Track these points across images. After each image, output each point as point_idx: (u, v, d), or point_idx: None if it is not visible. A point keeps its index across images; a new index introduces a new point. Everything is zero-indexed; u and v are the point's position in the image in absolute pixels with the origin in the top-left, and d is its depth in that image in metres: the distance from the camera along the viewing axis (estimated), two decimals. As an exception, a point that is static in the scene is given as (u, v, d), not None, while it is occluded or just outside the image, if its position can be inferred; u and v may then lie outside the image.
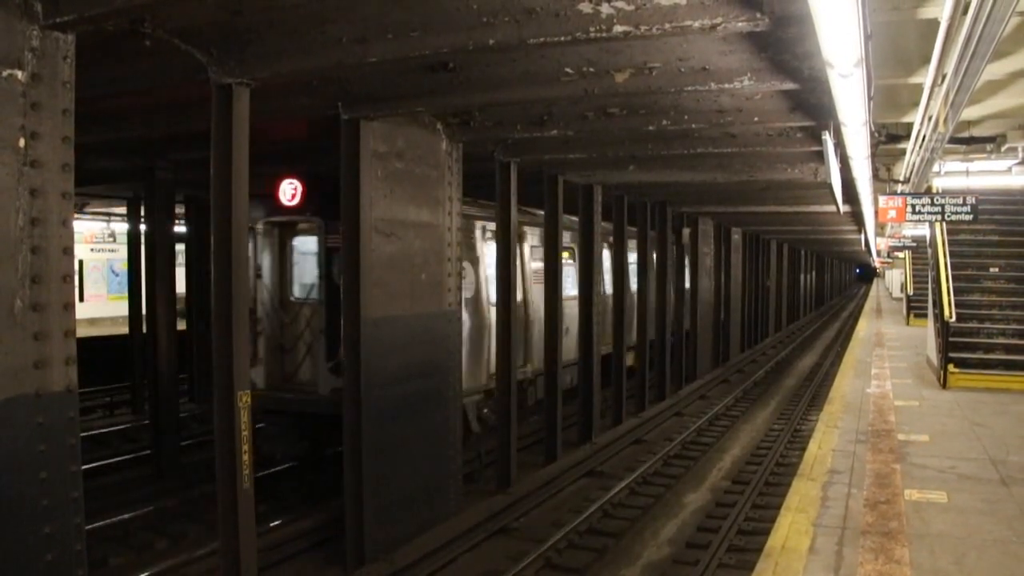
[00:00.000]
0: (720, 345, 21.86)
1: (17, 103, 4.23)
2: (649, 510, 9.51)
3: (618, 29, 4.55)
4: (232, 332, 5.67)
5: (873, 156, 9.12)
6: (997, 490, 7.11)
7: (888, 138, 10.79)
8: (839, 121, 6.00)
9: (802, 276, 42.10)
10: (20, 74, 4.24)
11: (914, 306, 25.09)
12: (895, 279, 43.45)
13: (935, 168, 12.22)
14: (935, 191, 14.00)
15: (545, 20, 4.68)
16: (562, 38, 4.68)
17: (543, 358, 11.54)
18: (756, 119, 7.13)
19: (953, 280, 14.22)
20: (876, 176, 12.01)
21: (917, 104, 8.06)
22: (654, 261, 16.33)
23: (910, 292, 26.20)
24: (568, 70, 5.91)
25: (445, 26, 4.88)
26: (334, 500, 8.69)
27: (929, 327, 15.71)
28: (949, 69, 5.99)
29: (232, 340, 5.67)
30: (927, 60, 6.45)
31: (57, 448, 4.39)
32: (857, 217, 16.93)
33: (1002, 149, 11.45)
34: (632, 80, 5.83)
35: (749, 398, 17.40)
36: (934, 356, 14.08)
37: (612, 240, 14.55)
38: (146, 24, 4.83)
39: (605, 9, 4.54)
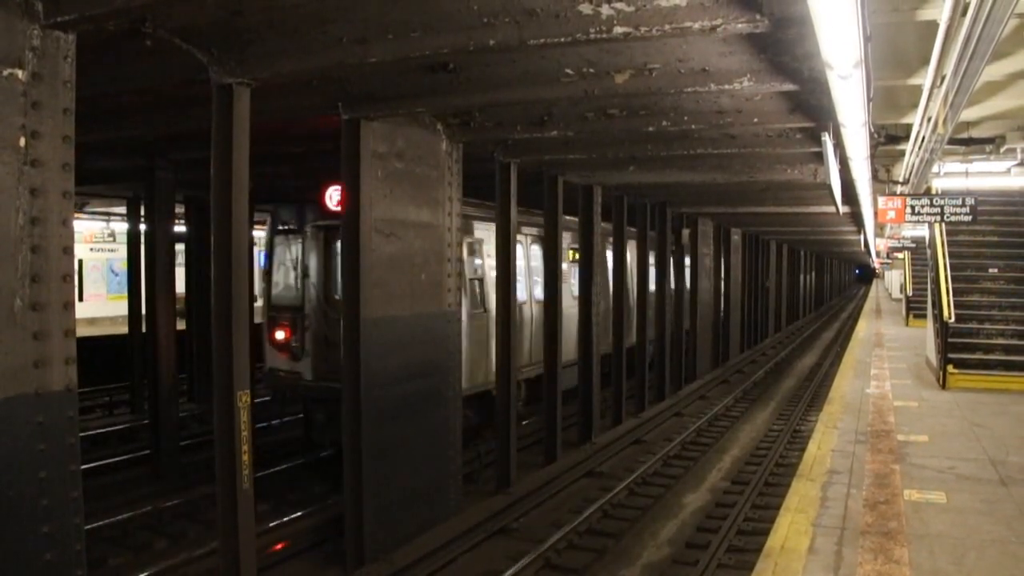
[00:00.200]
0: (720, 345, 21.87)
1: (18, 102, 4.24)
2: (648, 510, 9.51)
3: (618, 30, 4.55)
4: (232, 332, 5.67)
5: (872, 157, 9.12)
6: (996, 490, 7.11)
7: (887, 139, 10.78)
8: (838, 122, 6.00)
9: (802, 277, 42.11)
10: (21, 73, 4.25)
11: (913, 307, 25.11)
12: (894, 280, 43.48)
13: (934, 169, 12.23)
14: (934, 192, 14.00)
15: (545, 21, 4.69)
16: (562, 39, 4.69)
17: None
18: (756, 120, 7.14)
19: (952, 281, 14.23)
20: (875, 177, 12.02)
21: (916, 105, 8.06)
22: (654, 262, 16.34)
23: (909, 293, 26.22)
24: (568, 71, 5.91)
25: (445, 26, 4.88)
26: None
27: (928, 328, 15.72)
28: (948, 70, 6.00)
29: (232, 340, 5.67)
30: (926, 61, 6.45)
31: (57, 447, 4.39)
32: (856, 218, 16.93)
33: (1001, 150, 11.45)
34: (632, 81, 5.84)
35: (749, 398, 17.40)
36: (933, 357, 14.09)
37: (612, 240, 14.57)
38: (147, 24, 4.83)
39: (605, 10, 4.54)
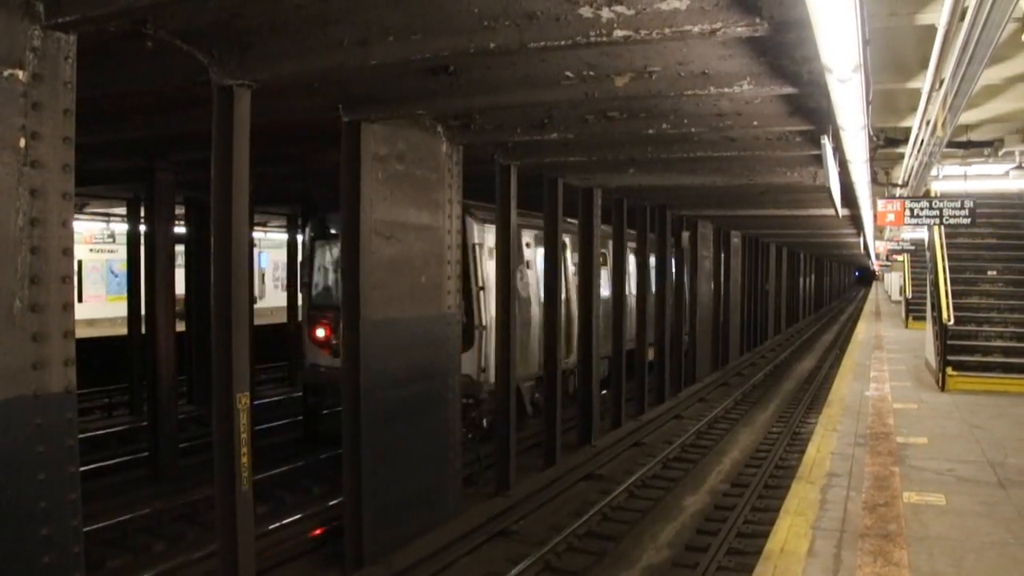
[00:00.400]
0: (719, 348, 21.87)
1: (18, 103, 4.24)
2: (648, 513, 9.51)
3: (618, 33, 4.56)
4: (232, 334, 5.67)
5: (872, 160, 9.12)
6: (995, 492, 7.11)
7: (886, 142, 10.78)
8: (838, 125, 6.01)
9: (801, 279, 42.10)
10: (21, 74, 4.25)
11: (913, 309, 25.13)
12: (894, 282, 43.49)
13: (933, 172, 12.24)
14: (933, 195, 14.00)
15: (546, 24, 4.69)
16: (562, 42, 4.69)
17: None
18: (755, 123, 7.15)
19: (951, 283, 14.24)
20: (875, 180, 12.01)
21: (915, 109, 8.06)
22: (653, 264, 16.34)
23: (909, 295, 26.24)
24: (568, 74, 5.91)
25: (446, 29, 4.89)
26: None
27: (928, 330, 15.73)
28: (947, 74, 6.00)
29: (231, 342, 5.66)
30: (925, 65, 6.46)
31: (55, 449, 4.39)
32: (856, 220, 16.94)
33: (1000, 153, 11.45)
34: (632, 84, 5.84)
35: (748, 401, 17.40)
36: (933, 359, 14.09)
37: (611, 243, 14.58)
38: (148, 25, 4.83)
39: (605, 14, 4.55)
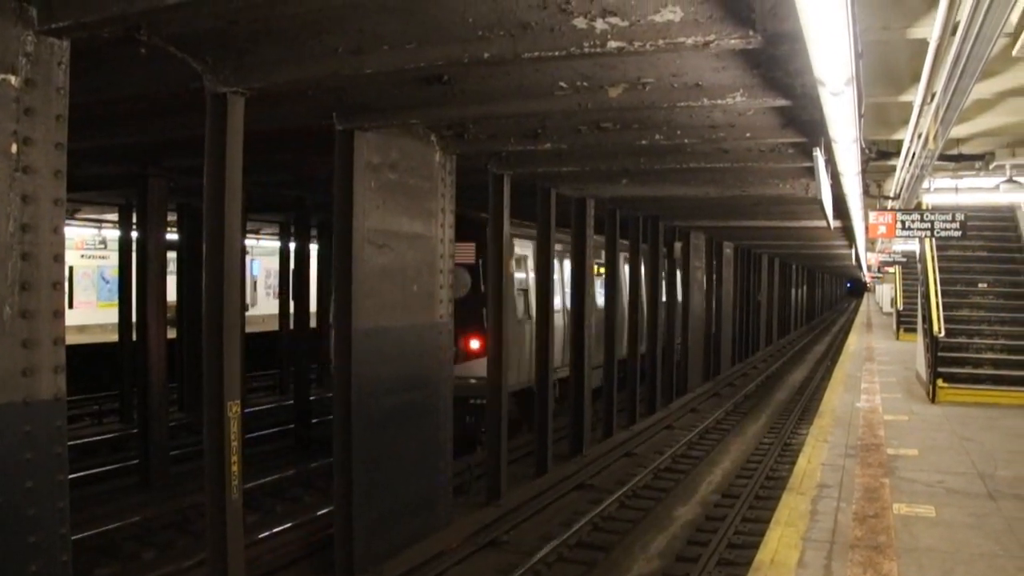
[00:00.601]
0: (711, 358, 21.91)
1: (10, 108, 4.22)
2: (639, 523, 9.49)
3: (612, 45, 4.58)
4: (223, 341, 5.65)
5: (863, 172, 9.17)
6: (985, 504, 7.13)
7: (878, 155, 10.84)
8: (830, 138, 6.04)
9: (793, 290, 42.25)
10: (13, 79, 4.23)
11: (904, 321, 25.20)
12: (885, 294, 43.66)
13: (925, 185, 12.30)
14: (925, 207, 14.07)
15: (540, 35, 4.71)
16: (556, 53, 4.71)
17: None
18: (748, 135, 7.18)
19: (942, 295, 14.30)
20: (867, 192, 12.09)
21: (907, 122, 8.10)
22: (645, 275, 16.37)
23: (900, 307, 26.33)
24: (562, 84, 5.93)
25: (441, 38, 4.90)
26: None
27: (919, 342, 15.78)
28: (938, 88, 6.04)
29: (223, 349, 5.65)
30: (917, 79, 6.49)
31: (44, 457, 4.36)
32: (848, 232, 17.03)
33: (991, 167, 11.53)
34: (626, 95, 5.86)
35: (740, 411, 17.41)
36: (923, 371, 14.14)
37: (604, 253, 14.60)
38: (142, 31, 4.83)
39: (599, 25, 4.57)
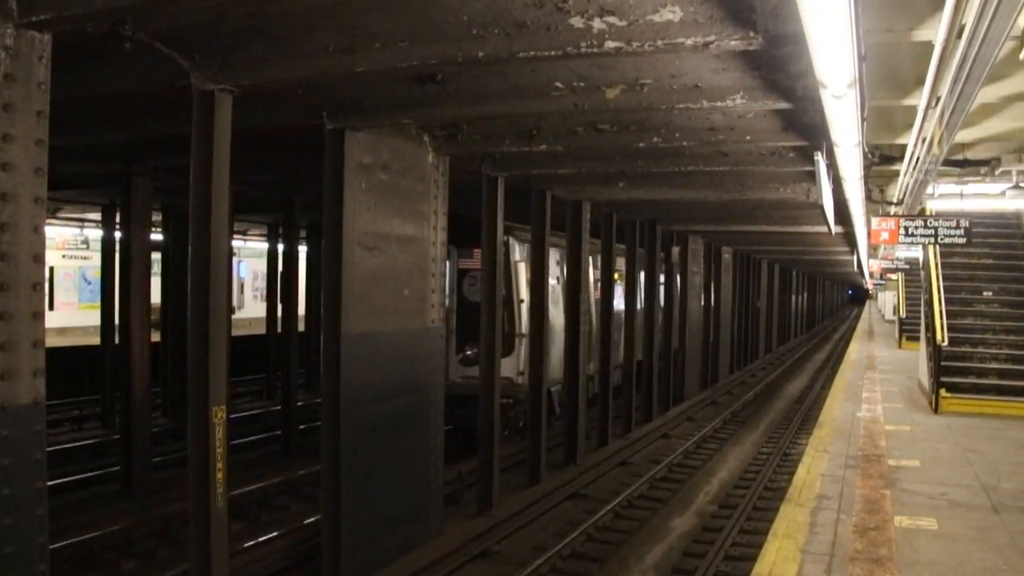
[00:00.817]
0: (709, 366, 21.92)
1: (-11, 105, 4.20)
2: (634, 534, 9.48)
3: (609, 45, 4.58)
4: (208, 345, 5.63)
5: (866, 177, 9.20)
6: (988, 517, 7.14)
7: (882, 159, 10.88)
8: (832, 141, 6.06)
9: (793, 297, 42.34)
10: (-7, 74, 4.21)
11: (906, 329, 25.26)
12: (888, 301, 43.77)
13: (929, 190, 12.35)
14: (929, 213, 14.13)
15: (536, 34, 4.71)
16: (552, 52, 4.71)
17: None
18: (748, 138, 7.19)
19: (946, 303, 14.32)
20: (869, 197, 12.12)
21: (911, 126, 8.13)
22: (642, 279, 16.39)
23: (903, 315, 26.39)
24: (558, 84, 5.94)
25: (434, 37, 4.89)
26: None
27: (921, 351, 15.82)
28: (943, 91, 6.06)
29: (208, 353, 5.62)
30: (921, 82, 6.51)
31: (22, 463, 4.33)
32: (849, 238, 17.07)
33: (996, 172, 11.57)
34: (623, 96, 5.87)
35: (738, 420, 17.43)
36: (926, 380, 14.17)
37: (600, 258, 14.63)
38: (127, 26, 4.81)
39: (597, 24, 4.57)
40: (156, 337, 13.52)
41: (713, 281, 22.35)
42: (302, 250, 18.34)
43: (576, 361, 12.49)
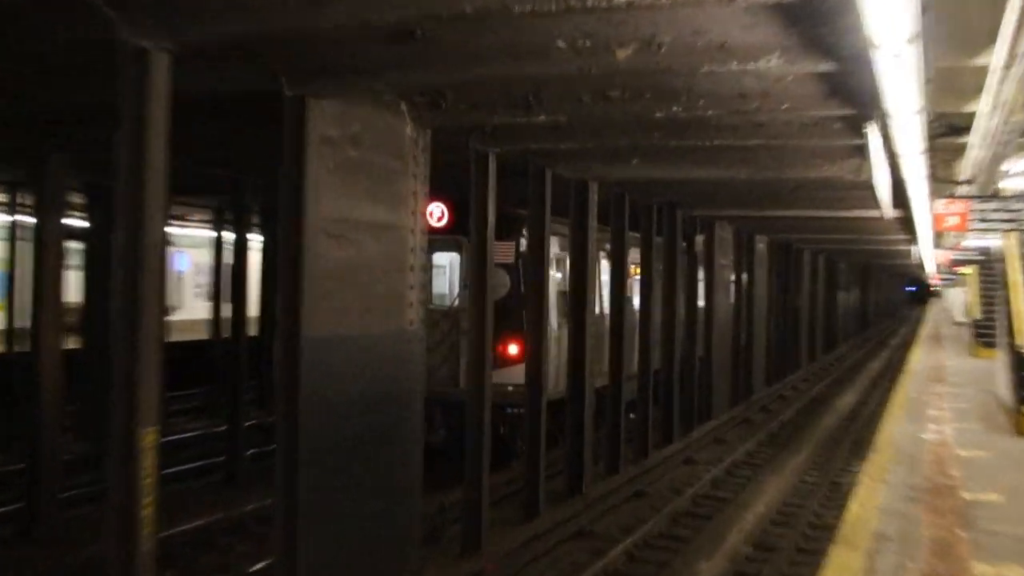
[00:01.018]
0: (741, 377, 22.01)
1: None
2: (651, 581, 9.54)
3: (621, -4, 4.61)
4: (137, 353, 5.61)
5: (929, 152, 9.24)
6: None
7: (948, 130, 10.92)
8: (886, 110, 6.10)
9: (842, 295, 42.45)
10: None
11: (982, 333, 25.26)
12: (957, 300, 43.88)
13: (1005, 167, 12.37)
14: (1006, 194, 14.15)
15: (534, -17, 4.74)
16: (554, 6, 4.74)
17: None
18: (786, 106, 7.23)
19: (1030, 303, 14.33)
20: (933, 176, 12.15)
21: (983, 90, 8.17)
22: (660, 274, 16.43)
23: (976, 316, 26.43)
24: (560, 44, 5.96)
25: (412, -14, 4.92)
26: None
27: (1000, 360, 15.85)
28: (1023, 48, 6.09)
29: (137, 363, 5.60)
30: (995, 37, 6.55)
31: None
32: (908, 224, 17.11)
33: (1090, 145, 11.59)
34: (637, 57, 5.90)
35: (776, 442, 17.51)
36: (1007, 395, 14.19)
37: (610, 248, 14.67)
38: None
39: (606, -28, 4.60)
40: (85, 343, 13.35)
41: (745, 276, 22.43)
42: (255, 239, 18.32)
43: (581, 372, 12.53)
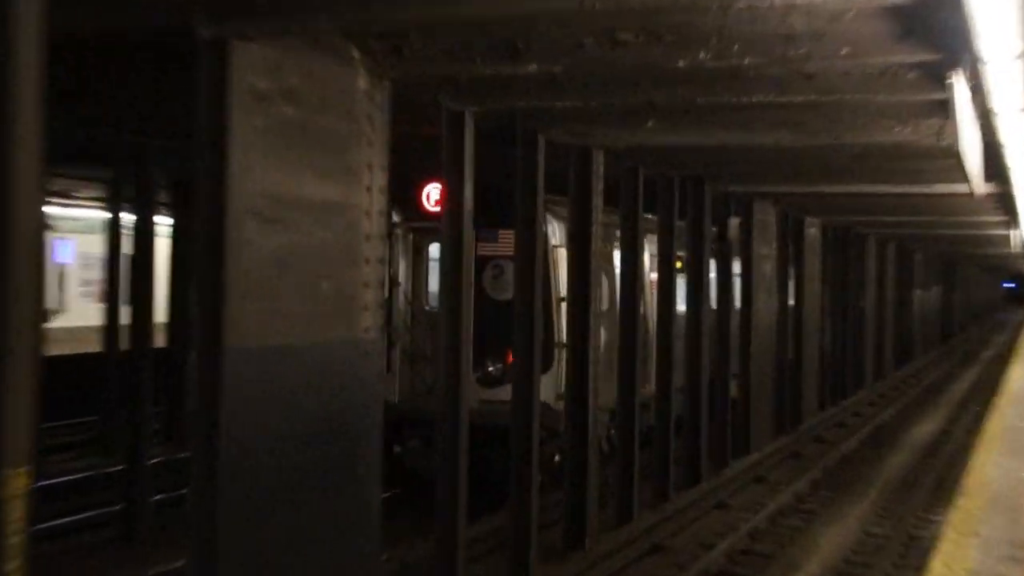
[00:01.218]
0: (787, 399, 21.99)
1: None
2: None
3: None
4: (3, 371, 5.54)
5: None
6: None
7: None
8: (978, 53, 6.08)
9: (919, 293, 42.49)
10: None
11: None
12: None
13: None
14: None
15: None
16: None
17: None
18: (845, 51, 7.21)
19: None
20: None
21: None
22: (684, 267, 16.45)
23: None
24: (555, -30, 5.95)
25: None
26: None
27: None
28: None
29: (2, 383, 5.54)
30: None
31: None
32: (1007, 202, 17.15)
33: None
34: (653, -13, 5.89)
35: (833, 483, 17.57)
36: None
37: (620, 232, 14.68)
38: None
39: None
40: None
41: (792, 269, 22.45)
42: (163, 223, 18.23)
43: (584, 392, 12.58)
